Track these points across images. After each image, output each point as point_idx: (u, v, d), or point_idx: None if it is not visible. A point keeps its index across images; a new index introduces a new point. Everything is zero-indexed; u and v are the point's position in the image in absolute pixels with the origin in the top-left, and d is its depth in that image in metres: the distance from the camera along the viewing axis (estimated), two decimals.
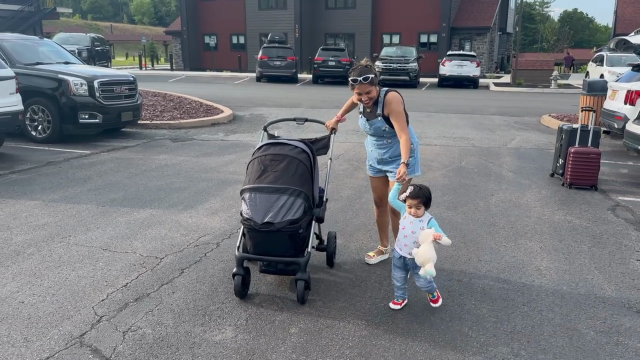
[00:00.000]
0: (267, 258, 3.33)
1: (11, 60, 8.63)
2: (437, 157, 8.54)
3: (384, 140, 3.88)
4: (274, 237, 3.24)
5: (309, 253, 3.39)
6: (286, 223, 3.19)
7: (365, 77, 3.57)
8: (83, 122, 8.75)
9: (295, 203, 3.23)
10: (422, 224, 3.22)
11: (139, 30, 69.93)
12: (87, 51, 24.94)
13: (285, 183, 3.25)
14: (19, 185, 6.14)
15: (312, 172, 3.41)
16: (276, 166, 3.31)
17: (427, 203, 3.25)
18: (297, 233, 3.25)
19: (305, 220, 3.32)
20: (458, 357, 2.86)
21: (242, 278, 3.36)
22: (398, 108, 3.67)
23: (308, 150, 3.48)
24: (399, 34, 33.09)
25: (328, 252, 3.94)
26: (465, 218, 5.37)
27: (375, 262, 4.15)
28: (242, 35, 35.66)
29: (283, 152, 3.37)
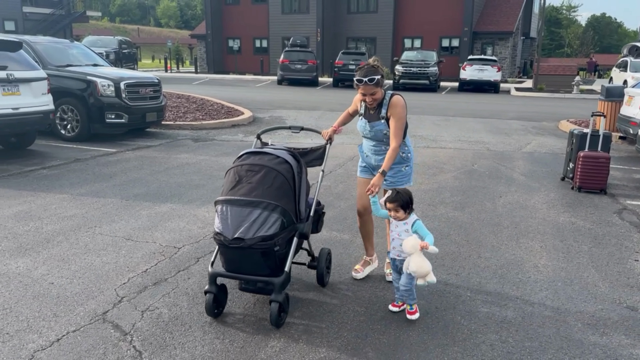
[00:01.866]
0: (240, 276, 3.10)
1: (43, 62, 9.08)
2: (450, 160, 8.70)
3: (382, 145, 3.69)
4: (245, 254, 3.00)
5: (287, 273, 3.09)
6: (258, 239, 2.94)
7: (370, 79, 3.45)
8: (110, 121, 9.16)
9: (270, 218, 2.99)
10: (406, 226, 3.26)
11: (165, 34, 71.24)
12: (114, 54, 25.67)
13: (260, 196, 3.00)
14: (49, 180, 6.53)
15: (294, 184, 3.16)
16: (252, 177, 3.08)
17: (405, 206, 3.24)
18: (271, 251, 3.00)
19: (284, 236, 3.06)
20: (448, 342, 3.07)
21: (213, 296, 3.14)
22: (401, 113, 3.55)
23: (292, 161, 3.23)
24: (421, 38, 33.16)
25: (318, 270, 3.66)
26: (470, 218, 5.54)
27: (363, 276, 3.95)
28: (264, 39, 36.17)
29: (260, 163, 3.13)
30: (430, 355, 2.93)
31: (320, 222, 3.73)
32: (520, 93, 23.41)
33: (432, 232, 4.90)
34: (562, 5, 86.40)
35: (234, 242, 2.96)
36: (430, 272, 3.12)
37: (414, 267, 3.11)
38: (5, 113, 7.28)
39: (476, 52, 31.61)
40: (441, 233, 5.03)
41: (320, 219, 3.72)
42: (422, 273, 3.10)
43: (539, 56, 25.18)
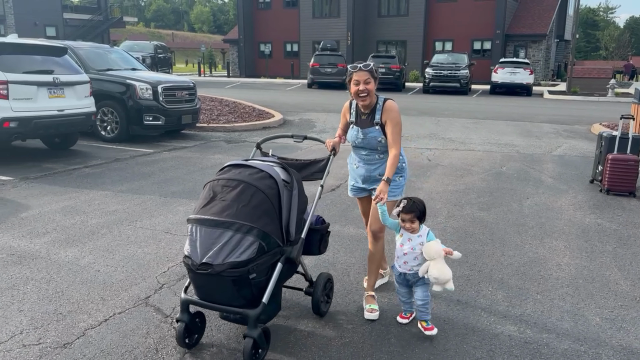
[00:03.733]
0: (211, 305, 2.75)
1: (85, 67, 9.55)
2: (479, 162, 8.76)
3: (375, 154, 3.45)
4: (215, 282, 2.64)
5: (264, 305, 2.70)
6: (227, 266, 2.58)
7: (365, 65, 3.29)
8: (147, 123, 9.57)
9: (244, 241, 2.62)
10: (421, 239, 3.09)
11: (199, 38, 72.68)
12: (150, 58, 26.45)
13: (232, 215, 2.64)
14: (92, 178, 6.92)
15: (279, 202, 2.80)
16: (226, 194, 2.73)
17: (421, 217, 3.08)
18: (244, 279, 2.63)
19: (263, 262, 2.69)
20: (467, 331, 3.22)
21: (184, 326, 2.83)
22: (397, 117, 3.35)
23: (277, 176, 2.87)
24: (452, 40, 32.99)
25: (314, 298, 3.26)
26: (496, 218, 5.64)
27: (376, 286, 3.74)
28: (295, 43, 36.59)
29: (238, 177, 2.77)
30: (450, 343, 3.09)
31: (323, 242, 3.36)
32: (553, 96, 23.09)
33: (456, 232, 5.14)
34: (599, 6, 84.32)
35: (201, 267, 2.62)
36: (450, 279, 3.01)
37: (436, 274, 2.97)
38: (51, 114, 7.73)
39: (508, 55, 31.26)
40: (466, 232, 5.16)
41: (323, 239, 3.36)
42: (444, 280, 2.98)
43: (573, 59, 24.76)
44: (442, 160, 8.87)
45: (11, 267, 4.01)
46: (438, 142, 10.85)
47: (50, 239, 4.61)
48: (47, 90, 7.70)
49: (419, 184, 7.11)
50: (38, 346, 2.94)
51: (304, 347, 3.02)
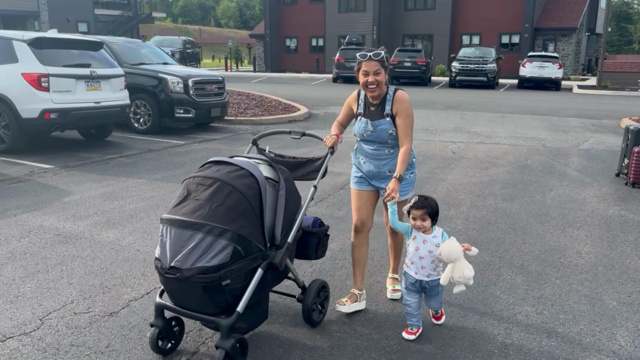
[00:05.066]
0: (183, 312, 2.59)
1: (119, 61, 9.90)
2: (504, 156, 8.82)
3: (385, 149, 3.23)
4: (184, 288, 2.47)
5: (238, 314, 2.51)
6: (196, 271, 2.40)
7: (376, 54, 3.09)
8: (178, 116, 9.89)
9: (216, 245, 2.43)
10: (436, 240, 2.91)
11: (225, 34, 73.35)
12: (179, 53, 26.96)
13: (203, 217, 2.46)
14: (127, 167, 7.24)
15: (260, 202, 2.60)
16: (200, 193, 2.55)
17: (433, 215, 2.90)
18: (216, 285, 2.44)
19: (238, 268, 2.50)
20: (486, 311, 3.38)
21: (158, 331, 2.70)
22: (409, 108, 3.16)
23: (261, 174, 2.67)
24: (479, 34, 32.66)
25: (304, 306, 3.03)
26: (519, 208, 5.74)
27: (350, 311, 3.29)
28: (321, 38, 36.72)
29: (214, 175, 2.59)
30: (469, 321, 3.25)
31: (321, 246, 3.18)
32: (582, 91, 22.73)
33: (478, 221, 5.26)
34: None
35: (170, 271, 2.45)
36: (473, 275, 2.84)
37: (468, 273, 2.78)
38: (89, 106, 8.09)
39: (537, 49, 30.81)
40: (488, 221, 5.28)
41: (321, 243, 3.17)
42: (470, 276, 2.80)
43: (604, 52, 24.29)
44: (466, 153, 8.95)
45: (59, 246, 4.32)
46: (463, 135, 10.91)
47: (92, 222, 4.92)
48: (85, 83, 8.05)
49: (443, 176, 7.23)
50: (88, 314, 3.22)
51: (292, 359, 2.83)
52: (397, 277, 3.60)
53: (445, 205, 5.80)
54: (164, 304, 2.66)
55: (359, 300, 3.35)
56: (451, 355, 2.87)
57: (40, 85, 7.47)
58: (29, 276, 3.74)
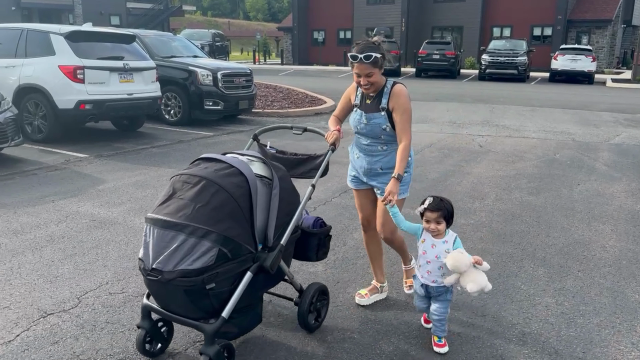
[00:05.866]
0: (167, 315, 2.51)
1: (151, 54, 10.14)
2: (532, 150, 8.74)
3: (378, 145, 3.11)
4: (166, 290, 2.39)
5: (223, 319, 2.42)
6: (177, 274, 2.31)
7: (366, 56, 2.89)
8: (208, 108, 10.09)
9: (199, 247, 2.33)
10: (446, 245, 2.71)
11: (254, 27, 73.76)
12: (208, 46, 27.30)
13: (187, 217, 2.35)
14: (159, 157, 7.47)
15: (249, 203, 2.48)
16: (185, 191, 2.44)
17: (448, 217, 2.72)
18: (199, 289, 2.34)
19: (225, 271, 2.39)
20: (506, 301, 3.43)
21: (145, 333, 2.63)
22: (407, 103, 3.00)
23: (251, 173, 2.55)
24: (511, 26, 32.06)
25: (300, 310, 2.90)
26: (544, 202, 5.72)
27: (369, 303, 3.34)
28: (349, 30, 36.62)
29: (201, 174, 2.47)
30: (489, 311, 3.31)
31: (322, 247, 3.06)
32: (616, 84, 22.15)
33: (503, 214, 5.27)
34: None
35: (151, 273, 2.37)
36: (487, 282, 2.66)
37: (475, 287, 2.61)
38: (122, 98, 8.35)
39: (570, 42, 30.09)
40: (513, 214, 5.29)
41: (322, 244, 3.05)
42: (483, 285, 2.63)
43: (638, 45, 23.57)
44: (494, 147, 8.90)
45: (94, 230, 4.53)
46: (491, 129, 10.83)
47: (126, 209, 5.13)
48: (118, 75, 8.30)
49: (469, 169, 7.23)
50: (122, 294, 3.40)
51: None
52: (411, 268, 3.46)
53: (469, 198, 5.83)
54: (150, 306, 2.57)
55: (380, 292, 3.42)
56: (470, 342, 2.94)
57: (76, 77, 7.74)
58: (66, 258, 3.95)
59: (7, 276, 3.63)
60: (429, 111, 13.17)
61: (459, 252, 2.64)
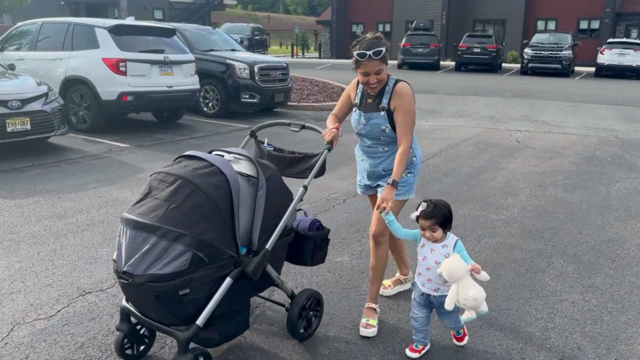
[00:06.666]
0: (143, 319, 2.39)
1: (191, 47, 10.39)
2: (571, 146, 8.54)
3: (379, 146, 2.97)
4: (138, 294, 2.28)
5: (197, 327, 2.29)
6: (147, 278, 2.18)
7: (376, 52, 2.72)
8: (244, 101, 10.28)
9: (171, 250, 2.19)
10: (446, 249, 2.55)
11: (293, 20, 74.03)
12: (247, 40, 27.66)
13: (159, 218, 2.22)
14: (196, 148, 7.68)
15: (230, 204, 2.33)
16: (161, 191, 2.31)
17: (445, 223, 2.55)
18: (171, 295, 2.21)
19: (201, 276, 2.26)
20: (532, 296, 3.41)
21: (123, 336, 2.53)
22: (409, 104, 2.83)
23: (233, 172, 2.39)
24: (556, 19, 31.06)
25: (288, 317, 2.75)
26: (580, 199, 5.60)
27: (393, 294, 3.37)
28: (388, 24, 36.30)
29: (178, 172, 2.34)
30: (514, 304, 3.30)
31: (318, 251, 2.89)
32: None
33: (535, 210, 5.20)
34: None
35: (123, 276, 2.25)
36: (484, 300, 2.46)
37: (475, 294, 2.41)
38: (162, 90, 8.61)
39: (619, 35, 28.90)
40: (546, 210, 5.21)
41: (318, 247, 2.88)
42: (480, 300, 2.43)
43: None
44: (532, 143, 8.74)
45: None
46: (530, 124, 10.61)
47: None
48: (159, 68, 8.56)
49: (504, 165, 7.13)
50: None
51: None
52: (375, 307, 3.04)
53: (502, 193, 5.77)
54: (127, 309, 2.46)
55: (404, 283, 3.45)
56: (491, 335, 2.95)
57: (119, 69, 8.03)
58: (105, 241, 4.15)
59: (50, 257, 3.86)
60: (466, 106, 12.98)
61: (453, 259, 2.47)
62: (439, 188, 5.92)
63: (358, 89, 3.03)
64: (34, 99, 6.73)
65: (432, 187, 5.92)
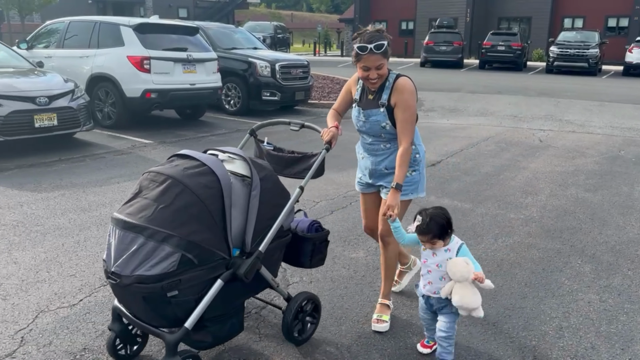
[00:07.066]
0: (132, 320, 2.37)
1: (214, 45, 10.52)
2: (595, 145, 8.40)
3: (380, 143, 2.88)
4: (126, 295, 2.26)
5: (186, 329, 2.25)
6: (134, 279, 2.16)
7: (378, 45, 2.63)
8: (265, 98, 10.37)
9: (158, 252, 2.16)
10: (449, 254, 2.49)
11: (316, 18, 74.05)
12: (270, 38, 27.77)
13: (146, 218, 2.19)
14: (218, 144, 7.75)
15: (221, 205, 2.30)
16: (150, 191, 2.29)
17: (442, 235, 2.48)
18: (159, 297, 2.19)
19: (190, 278, 2.22)
20: (547, 295, 3.39)
21: (115, 336, 2.52)
22: (410, 100, 2.73)
23: (225, 172, 2.36)
24: (583, 17, 30.46)
25: (283, 320, 2.71)
26: (601, 199, 5.53)
27: (403, 287, 3.37)
28: (411, 21, 36.07)
29: (168, 172, 2.30)
30: (529, 303, 3.29)
31: (317, 253, 2.83)
32: None
33: (555, 210, 5.15)
34: None
35: (111, 276, 2.23)
36: (478, 307, 2.44)
37: (458, 300, 2.41)
38: (185, 88, 8.75)
39: None
40: (565, 210, 5.16)
41: (317, 249, 2.82)
42: (470, 307, 2.41)
43: None
44: (554, 142, 8.63)
45: None
46: (554, 123, 10.46)
47: None
48: (182, 66, 8.70)
49: (525, 164, 7.07)
50: None
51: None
52: (387, 303, 3.05)
53: (522, 193, 5.73)
54: (119, 309, 2.44)
55: (410, 269, 3.38)
56: (504, 333, 2.96)
57: (143, 67, 8.19)
58: None
59: (74, 248, 3.99)
60: (489, 104, 12.86)
61: (462, 260, 2.44)
62: (457, 186, 5.90)
63: (359, 84, 2.93)
64: (61, 96, 6.93)
65: (451, 186, 5.91)
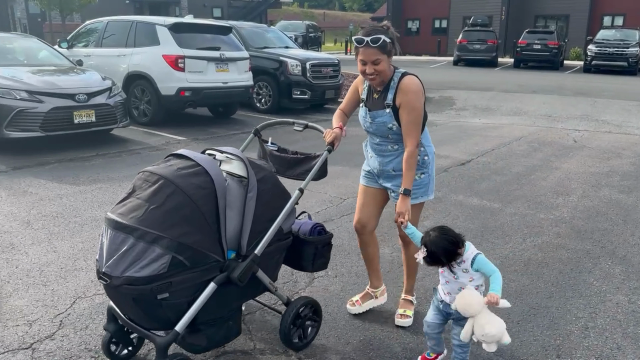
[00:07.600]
0: (125, 321, 2.35)
1: (246, 44, 10.68)
2: (632, 146, 8.20)
3: (388, 144, 2.80)
4: (117, 296, 2.24)
5: (176, 333, 2.22)
6: (123, 281, 2.13)
7: (374, 39, 2.55)
8: (296, 97, 10.47)
9: (148, 253, 2.13)
10: (464, 265, 2.34)
11: (348, 17, 73.94)
12: (302, 37, 27.94)
13: (137, 219, 2.16)
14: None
15: (215, 206, 2.26)
16: (143, 191, 2.26)
17: (450, 257, 2.32)
18: (149, 299, 2.16)
19: (182, 281, 2.19)
20: (574, 295, 3.36)
21: (110, 336, 2.50)
22: (415, 101, 2.63)
23: (219, 172, 2.32)
24: (623, 15, 29.53)
25: (281, 326, 2.63)
26: (635, 201, 5.40)
27: (361, 311, 3.09)
28: (444, 20, 35.67)
29: (161, 172, 2.26)
30: (555, 303, 3.27)
31: (319, 256, 2.77)
32: None
33: (587, 211, 5.06)
34: None
35: (102, 277, 2.20)
36: (504, 331, 2.24)
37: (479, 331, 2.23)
38: (218, 86, 8.93)
39: None
40: (598, 211, 5.07)
41: (319, 253, 2.75)
42: (495, 335, 2.22)
43: None
44: (589, 143, 8.45)
45: None
46: (590, 124, 10.23)
47: None
48: (215, 65, 8.88)
49: (558, 164, 6.96)
50: None
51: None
52: (411, 299, 3.05)
53: (553, 193, 5.65)
54: (113, 309, 2.42)
55: (376, 297, 3.14)
56: (528, 331, 2.95)
57: (177, 65, 8.40)
58: None
59: None
60: (523, 103, 12.64)
61: (467, 293, 2.28)
62: (487, 186, 5.86)
63: (365, 82, 2.84)
64: (99, 93, 7.18)
65: (480, 185, 5.87)
